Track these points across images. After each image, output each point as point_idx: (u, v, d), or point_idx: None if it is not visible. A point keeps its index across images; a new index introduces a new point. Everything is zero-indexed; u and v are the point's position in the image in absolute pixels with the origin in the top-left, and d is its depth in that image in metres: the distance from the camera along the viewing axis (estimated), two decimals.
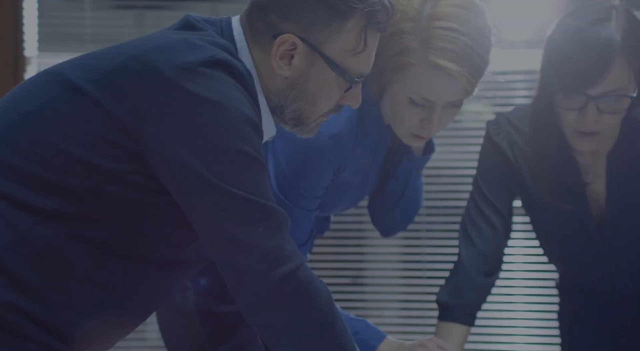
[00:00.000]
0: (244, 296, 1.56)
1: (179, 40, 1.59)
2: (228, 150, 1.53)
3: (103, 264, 1.56)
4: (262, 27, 1.67)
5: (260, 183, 1.56)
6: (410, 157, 2.08)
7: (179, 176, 1.53)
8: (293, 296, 1.55)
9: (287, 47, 1.66)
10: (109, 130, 1.53)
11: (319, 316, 1.58)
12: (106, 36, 3.38)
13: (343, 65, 1.68)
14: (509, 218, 2.14)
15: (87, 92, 1.54)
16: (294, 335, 1.57)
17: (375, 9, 1.67)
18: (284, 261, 1.55)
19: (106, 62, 1.57)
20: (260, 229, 1.54)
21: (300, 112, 1.70)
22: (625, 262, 2.09)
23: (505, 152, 2.11)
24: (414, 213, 2.20)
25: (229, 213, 1.53)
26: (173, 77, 1.53)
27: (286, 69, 1.67)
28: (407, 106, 1.91)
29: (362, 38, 1.68)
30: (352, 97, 1.73)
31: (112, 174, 1.53)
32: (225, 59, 1.57)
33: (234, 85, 1.57)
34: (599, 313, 2.18)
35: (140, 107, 1.52)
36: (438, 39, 1.86)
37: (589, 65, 1.90)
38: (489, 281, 2.12)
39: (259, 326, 1.58)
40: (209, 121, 1.53)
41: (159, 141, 1.52)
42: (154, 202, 1.56)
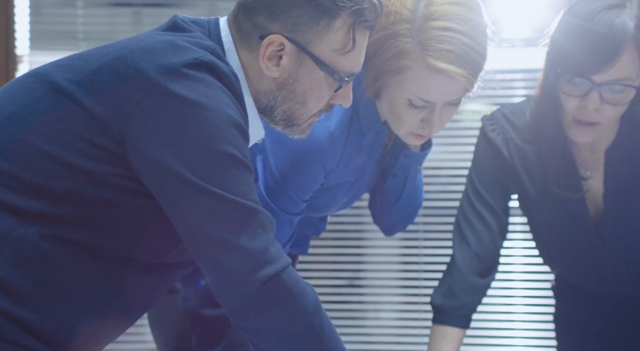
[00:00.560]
0: (229, 300, 1.54)
1: (164, 41, 1.59)
2: (212, 152, 1.52)
3: (86, 266, 1.54)
4: (249, 28, 1.66)
5: (245, 185, 1.54)
6: (407, 153, 2.05)
7: (162, 178, 1.52)
8: (278, 298, 1.53)
9: (275, 48, 1.64)
10: (92, 131, 1.52)
11: (306, 318, 1.56)
12: (100, 34, 3.36)
13: (332, 64, 1.66)
14: (505, 216, 2.10)
15: (70, 93, 1.54)
16: (280, 338, 1.55)
17: (363, 7, 1.65)
18: (268, 263, 1.53)
19: (90, 63, 1.57)
20: (243, 231, 1.52)
21: (290, 112, 1.69)
22: (623, 263, 2.06)
23: (501, 148, 2.07)
24: (415, 211, 2.17)
25: (212, 214, 1.52)
26: (157, 78, 1.52)
27: (275, 70, 1.65)
28: (406, 108, 1.89)
29: (351, 37, 1.66)
30: (343, 96, 1.72)
31: (95, 175, 1.52)
32: (210, 61, 1.56)
33: (218, 87, 1.56)
34: (595, 317, 2.15)
35: (124, 108, 1.51)
36: (435, 40, 1.83)
37: (599, 50, 1.86)
38: (484, 282, 2.08)
39: (245, 330, 1.57)
40: (193, 123, 1.52)
41: (142, 142, 1.51)
42: (137, 204, 1.55)
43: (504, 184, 2.09)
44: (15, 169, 1.52)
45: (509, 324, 3.29)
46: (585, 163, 2.03)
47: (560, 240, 2.09)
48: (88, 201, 1.52)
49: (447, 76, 1.84)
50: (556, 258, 2.13)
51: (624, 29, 1.86)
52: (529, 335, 3.27)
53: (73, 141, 1.52)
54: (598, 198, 2.04)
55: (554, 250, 2.12)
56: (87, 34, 3.35)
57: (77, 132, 1.52)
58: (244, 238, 1.52)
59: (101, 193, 1.52)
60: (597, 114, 1.91)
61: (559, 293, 2.23)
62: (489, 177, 2.09)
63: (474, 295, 2.08)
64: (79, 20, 3.35)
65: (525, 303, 3.27)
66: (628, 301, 2.10)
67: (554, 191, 2.02)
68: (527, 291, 3.27)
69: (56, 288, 1.53)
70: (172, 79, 1.52)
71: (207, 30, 1.66)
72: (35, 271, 1.51)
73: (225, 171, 1.53)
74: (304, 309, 1.55)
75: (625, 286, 2.08)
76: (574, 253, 2.08)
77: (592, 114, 1.91)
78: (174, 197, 1.52)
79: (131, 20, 3.43)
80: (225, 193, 1.52)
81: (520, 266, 3.27)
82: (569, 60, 1.89)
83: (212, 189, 1.51)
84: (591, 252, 2.06)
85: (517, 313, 3.31)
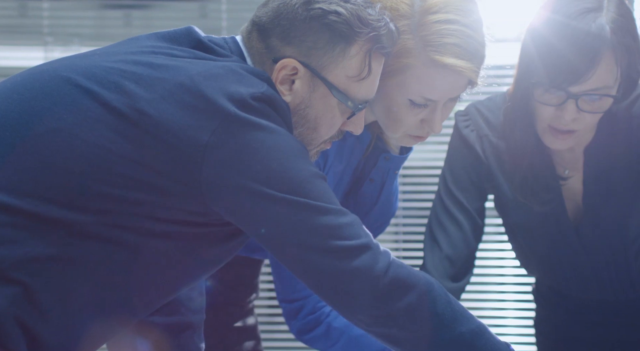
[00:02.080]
0: (359, 301, 1.53)
1: (223, 67, 1.55)
2: (296, 169, 1.52)
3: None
4: (263, 49, 1.63)
5: (331, 194, 1.56)
6: (387, 156, 1.98)
7: (252, 204, 1.51)
8: (404, 280, 1.54)
9: (288, 72, 1.61)
10: (160, 162, 1.49)
11: (430, 290, 1.56)
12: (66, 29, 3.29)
13: (346, 91, 1.63)
14: (480, 217, 2.03)
15: (133, 120, 1.49)
16: (415, 317, 1.55)
17: (380, 33, 1.62)
18: (381, 252, 1.55)
19: (149, 89, 1.51)
20: (350, 232, 1.53)
21: (301, 138, 1.65)
22: (604, 267, 2.01)
23: (475, 146, 2.01)
24: (388, 219, 2.12)
25: (319, 227, 1.52)
26: (228, 106, 1.50)
27: (287, 94, 1.62)
28: (406, 109, 1.82)
29: (367, 63, 1.63)
30: (355, 123, 1.69)
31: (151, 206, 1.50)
32: (272, 96, 1.55)
33: (279, 121, 1.55)
34: (576, 322, 2.11)
35: (198, 139, 1.48)
36: (437, 34, 1.76)
37: (575, 60, 1.79)
38: (456, 287, 2.01)
39: (383, 322, 1.55)
40: (273, 146, 1.52)
41: (223, 173, 1.50)
42: (162, 246, 1.54)
43: (478, 184, 2.02)
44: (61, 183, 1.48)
45: (502, 329, 3.32)
46: (563, 162, 1.98)
47: (538, 243, 2.03)
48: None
49: (453, 71, 1.77)
50: (534, 262, 2.09)
51: (601, 36, 1.79)
52: (523, 341, 3.28)
53: (137, 171, 1.48)
54: (577, 198, 1.99)
55: (531, 254, 2.07)
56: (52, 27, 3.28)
57: (142, 162, 1.48)
58: (353, 239, 1.52)
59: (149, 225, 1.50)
60: (574, 122, 1.86)
61: (539, 296, 2.18)
62: (462, 176, 2.02)
63: None
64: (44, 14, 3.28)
65: (518, 307, 3.28)
66: (609, 306, 2.06)
67: (531, 205, 1.97)
68: (517, 295, 3.28)
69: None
70: (243, 109, 1.50)
71: (229, 51, 1.63)
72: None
73: (313, 184, 1.53)
74: (424, 282, 1.56)
75: (606, 291, 2.04)
76: (553, 257, 2.04)
77: (568, 123, 1.85)
78: (269, 220, 1.51)
79: (122, 23, 3.37)
80: (321, 203, 1.52)
81: (513, 269, 3.30)
82: (542, 71, 1.83)
83: (308, 202, 1.51)
84: (571, 255, 2.02)
85: (510, 318, 3.33)
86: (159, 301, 1.62)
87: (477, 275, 3.51)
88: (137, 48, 1.59)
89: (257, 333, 2.19)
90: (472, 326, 1.58)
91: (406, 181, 3.51)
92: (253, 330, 2.17)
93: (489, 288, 3.54)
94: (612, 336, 2.09)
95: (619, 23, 1.81)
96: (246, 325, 2.15)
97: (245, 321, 2.15)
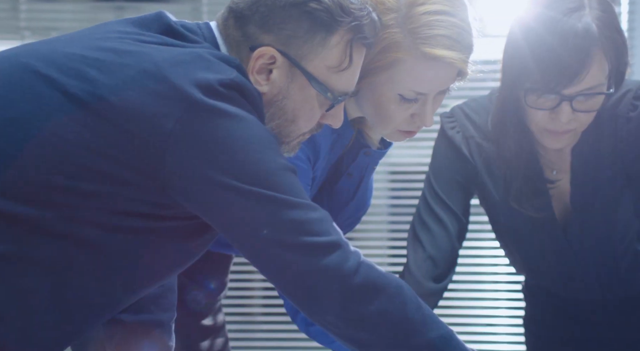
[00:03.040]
0: (328, 301, 1.47)
1: (190, 53, 1.49)
2: (265, 161, 1.47)
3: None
4: (239, 37, 1.57)
5: (301, 188, 1.50)
6: (367, 151, 1.96)
7: (216, 196, 1.45)
8: (375, 281, 1.49)
9: (266, 61, 1.56)
10: (120, 152, 1.42)
11: (402, 293, 1.52)
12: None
13: (325, 82, 1.58)
14: (465, 218, 2.01)
15: (93, 108, 1.43)
16: (388, 320, 1.49)
17: (362, 23, 1.57)
18: (352, 251, 1.49)
19: (109, 75, 1.45)
20: (320, 229, 1.47)
21: (278, 130, 1.60)
22: (592, 267, 2.01)
23: (460, 147, 1.99)
24: (361, 215, 2.09)
25: (285, 221, 1.46)
26: (195, 93, 1.43)
27: (264, 84, 1.57)
28: (396, 104, 1.78)
29: (348, 54, 1.58)
30: (334, 116, 1.64)
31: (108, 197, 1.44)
32: (242, 83, 1.48)
33: (248, 109, 1.49)
34: (564, 320, 2.10)
35: (162, 127, 1.42)
36: (426, 26, 1.73)
37: (567, 62, 1.77)
38: (438, 287, 1.99)
39: (353, 325, 1.49)
40: (240, 136, 1.45)
41: (187, 161, 1.43)
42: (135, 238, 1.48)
43: (464, 186, 2.01)
44: (20, 179, 1.42)
45: (494, 328, 3.30)
46: (551, 164, 1.97)
47: (525, 243, 2.03)
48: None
49: (445, 63, 1.74)
50: (521, 261, 2.08)
51: (589, 34, 1.77)
52: (515, 340, 3.28)
53: (96, 162, 1.42)
54: (565, 198, 1.97)
55: (518, 253, 2.06)
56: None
57: (102, 152, 1.42)
58: (323, 235, 1.47)
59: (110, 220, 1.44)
60: (570, 123, 1.84)
61: (528, 294, 2.18)
62: (448, 177, 2.00)
63: (426, 300, 1.89)
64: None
65: (510, 306, 3.27)
66: (597, 305, 2.06)
67: (520, 209, 1.96)
68: (513, 294, 3.26)
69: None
70: (209, 96, 1.44)
71: (202, 38, 1.56)
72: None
73: (282, 177, 1.47)
74: (394, 285, 1.51)
75: (594, 290, 2.04)
76: (540, 257, 2.03)
77: (564, 125, 1.84)
78: (235, 214, 1.45)
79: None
80: (290, 197, 1.46)
81: (506, 267, 3.29)
82: (535, 77, 1.80)
83: (276, 195, 1.45)
84: (558, 256, 2.01)
85: (502, 317, 3.32)
86: (125, 301, 1.56)
87: (470, 274, 3.53)
88: (103, 33, 1.53)
89: (226, 331, 2.15)
90: (442, 332, 1.53)
91: (395, 178, 3.52)
92: (221, 328, 2.13)
93: (483, 286, 3.55)
94: (600, 335, 2.08)
95: (604, 19, 1.80)
96: (215, 323, 2.11)
97: (214, 319, 2.11)
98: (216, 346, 2.09)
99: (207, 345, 2.09)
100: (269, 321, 3.51)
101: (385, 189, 3.56)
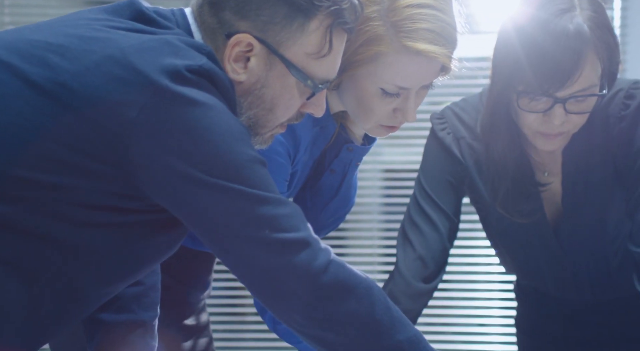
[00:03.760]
0: (294, 300, 1.43)
1: (157, 40, 1.43)
2: (233, 152, 1.41)
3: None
4: (215, 24, 1.51)
5: (270, 180, 1.45)
6: (350, 146, 1.92)
7: (182, 188, 1.39)
8: (344, 281, 1.45)
9: (243, 48, 1.50)
10: (83, 142, 1.37)
11: (371, 294, 1.48)
12: None
13: (305, 69, 1.53)
14: (455, 218, 1.99)
15: (55, 96, 1.37)
16: (356, 321, 1.46)
17: (342, 7, 1.52)
18: (321, 249, 1.45)
19: (73, 62, 1.39)
20: (288, 225, 1.43)
21: (255, 120, 1.55)
22: (583, 269, 1.99)
23: (451, 148, 1.96)
24: (346, 213, 2.05)
25: (251, 216, 1.41)
26: (160, 80, 1.38)
27: (241, 73, 1.51)
28: (377, 98, 1.75)
29: (327, 40, 1.52)
30: (315, 105, 1.58)
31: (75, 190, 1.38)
32: (211, 70, 1.43)
33: (218, 96, 1.44)
34: (556, 321, 2.08)
35: (125, 115, 1.36)
36: (409, 19, 1.69)
37: (559, 65, 1.75)
38: (427, 288, 1.96)
39: (318, 325, 1.45)
40: (207, 125, 1.40)
41: (151, 151, 1.38)
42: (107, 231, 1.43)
43: (455, 186, 1.98)
44: None
45: (486, 329, 3.29)
46: (542, 166, 1.94)
47: (516, 244, 2.00)
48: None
49: (427, 57, 1.70)
50: (512, 262, 2.06)
51: (581, 35, 1.75)
52: (506, 340, 3.26)
53: (57, 152, 1.36)
54: (557, 200, 1.95)
55: (509, 254, 2.04)
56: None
57: (63, 142, 1.36)
58: (291, 231, 1.42)
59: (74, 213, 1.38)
60: (564, 125, 1.82)
61: (520, 294, 2.16)
62: (439, 177, 1.98)
63: (416, 300, 1.94)
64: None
65: (499, 306, 3.25)
66: (588, 306, 2.04)
67: (512, 217, 1.93)
68: (502, 294, 3.24)
69: None
70: (177, 82, 1.38)
71: (175, 24, 1.51)
72: None
73: (251, 170, 1.42)
74: (364, 285, 1.47)
75: (585, 291, 2.02)
76: (531, 258, 2.00)
77: (557, 127, 1.81)
78: (201, 207, 1.40)
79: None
80: (258, 191, 1.41)
81: (498, 266, 3.26)
82: (528, 79, 1.77)
83: (244, 189, 1.40)
84: (549, 257, 1.98)
85: (494, 317, 3.30)
86: (99, 299, 1.51)
87: (463, 273, 3.52)
88: (73, 21, 1.48)
89: (210, 331, 2.10)
90: (409, 334, 1.49)
91: (388, 176, 3.51)
92: (205, 327, 2.08)
93: (474, 286, 3.55)
94: (591, 335, 2.07)
95: (595, 20, 1.78)
96: (198, 322, 2.06)
97: (197, 318, 2.06)
98: (199, 346, 2.05)
99: (190, 345, 2.04)
100: (259, 321, 3.47)
101: (378, 188, 3.55)
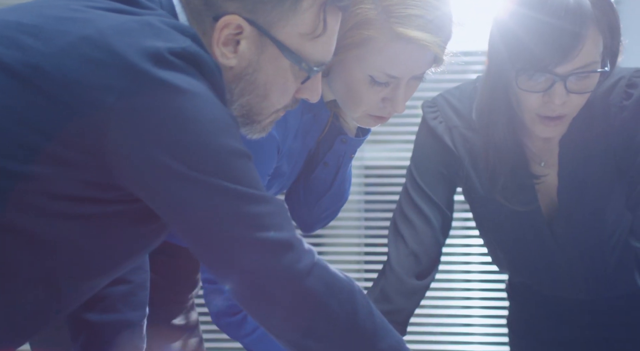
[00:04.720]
0: (275, 304, 1.37)
1: (138, 21, 1.35)
2: (217, 146, 1.33)
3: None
4: (201, 6, 1.44)
5: (256, 177, 1.38)
6: (344, 138, 1.89)
7: (161, 180, 1.32)
8: (329, 284, 1.40)
9: (232, 31, 1.42)
10: (57, 128, 1.29)
11: (354, 299, 1.43)
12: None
13: (299, 51, 1.45)
14: (448, 211, 1.93)
15: (27, 79, 1.29)
16: (340, 327, 1.40)
17: None
18: (306, 250, 1.39)
19: (47, 43, 1.31)
20: (271, 223, 1.36)
21: (249, 107, 1.48)
22: (578, 265, 1.94)
23: (443, 138, 1.91)
24: (340, 207, 2.02)
25: (232, 213, 1.34)
26: (141, 63, 1.30)
27: (231, 57, 1.44)
28: (366, 86, 1.70)
29: (321, 19, 1.45)
30: (311, 89, 1.51)
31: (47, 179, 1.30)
32: (196, 53, 1.34)
33: (203, 82, 1.35)
34: (549, 320, 2.04)
35: (102, 101, 1.28)
36: (402, 4, 1.64)
37: (559, 41, 1.69)
38: (421, 284, 1.91)
39: (300, 330, 1.39)
40: (190, 114, 1.32)
41: (128, 140, 1.30)
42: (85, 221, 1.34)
43: (448, 178, 1.93)
44: None
45: (469, 329, 3.30)
46: (538, 156, 1.89)
47: (509, 238, 1.95)
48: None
49: (418, 45, 1.65)
50: (504, 258, 2.00)
51: (581, 9, 1.70)
52: (490, 340, 3.25)
53: (28, 138, 1.29)
54: (552, 192, 1.90)
55: (502, 249, 1.99)
56: None
57: (35, 127, 1.28)
58: (274, 231, 1.36)
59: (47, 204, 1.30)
60: (564, 106, 1.76)
61: (512, 293, 2.12)
62: (431, 169, 1.92)
63: (409, 298, 1.89)
64: None
65: (484, 306, 3.27)
66: (583, 305, 2.00)
67: (505, 203, 1.88)
68: (495, 293, 3.25)
69: None
70: (158, 66, 1.30)
71: (158, 5, 1.43)
72: None
73: (234, 164, 1.34)
74: (347, 289, 1.41)
75: (580, 290, 1.97)
76: (524, 253, 1.96)
77: (559, 108, 1.76)
78: (180, 202, 1.32)
79: None
80: (241, 187, 1.34)
81: (479, 265, 3.26)
82: (523, 55, 1.72)
83: (226, 184, 1.33)
84: (543, 252, 1.93)
85: (474, 316, 3.31)
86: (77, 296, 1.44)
87: (456, 272, 3.51)
88: (50, 1, 1.40)
89: (199, 331, 2.05)
90: (392, 342, 1.45)
91: (369, 173, 3.47)
92: (195, 327, 2.03)
93: (455, 285, 3.53)
94: (586, 335, 2.03)
95: None
96: (188, 322, 2.01)
97: (187, 317, 2.01)
98: (189, 347, 2.00)
99: (180, 345, 1.99)
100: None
101: (359, 185, 3.54)
